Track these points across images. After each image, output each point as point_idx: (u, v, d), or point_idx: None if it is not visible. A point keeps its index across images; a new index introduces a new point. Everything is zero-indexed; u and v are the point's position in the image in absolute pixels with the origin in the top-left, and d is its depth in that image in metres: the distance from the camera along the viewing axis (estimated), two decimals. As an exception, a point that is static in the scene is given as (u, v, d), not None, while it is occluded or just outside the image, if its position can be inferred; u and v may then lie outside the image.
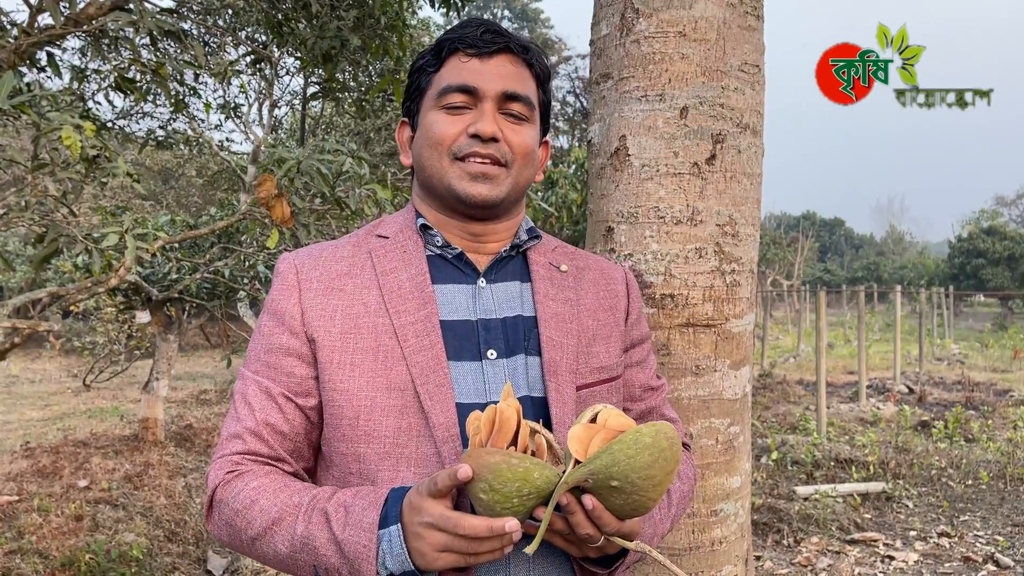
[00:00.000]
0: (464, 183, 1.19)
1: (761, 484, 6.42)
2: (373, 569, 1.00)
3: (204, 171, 14.21)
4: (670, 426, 0.96)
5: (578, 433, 0.97)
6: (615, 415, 1.00)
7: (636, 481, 0.94)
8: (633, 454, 0.93)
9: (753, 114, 1.69)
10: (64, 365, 14.17)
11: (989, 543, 5.35)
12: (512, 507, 0.95)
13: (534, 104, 1.26)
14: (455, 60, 1.23)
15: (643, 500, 0.97)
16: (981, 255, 36.26)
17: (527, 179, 1.26)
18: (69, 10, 3.38)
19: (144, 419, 7.27)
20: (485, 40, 1.21)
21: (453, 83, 1.20)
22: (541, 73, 1.29)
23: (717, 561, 1.70)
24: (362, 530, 1.01)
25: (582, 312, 1.28)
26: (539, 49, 1.30)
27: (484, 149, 1.19)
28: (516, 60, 1.24)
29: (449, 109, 1.21)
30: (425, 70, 1.27)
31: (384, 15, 4.44)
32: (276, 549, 1.08)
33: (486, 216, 1.24)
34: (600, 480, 0.95)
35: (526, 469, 0.94)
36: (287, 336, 1.19)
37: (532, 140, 1.25)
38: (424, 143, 1.23)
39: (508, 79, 1.22)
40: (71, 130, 2.73)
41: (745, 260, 1.70)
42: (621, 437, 0.94)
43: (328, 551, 1.04)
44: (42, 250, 3.28)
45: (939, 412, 9.95)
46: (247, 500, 1.10)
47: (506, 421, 0.99)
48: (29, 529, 4.75)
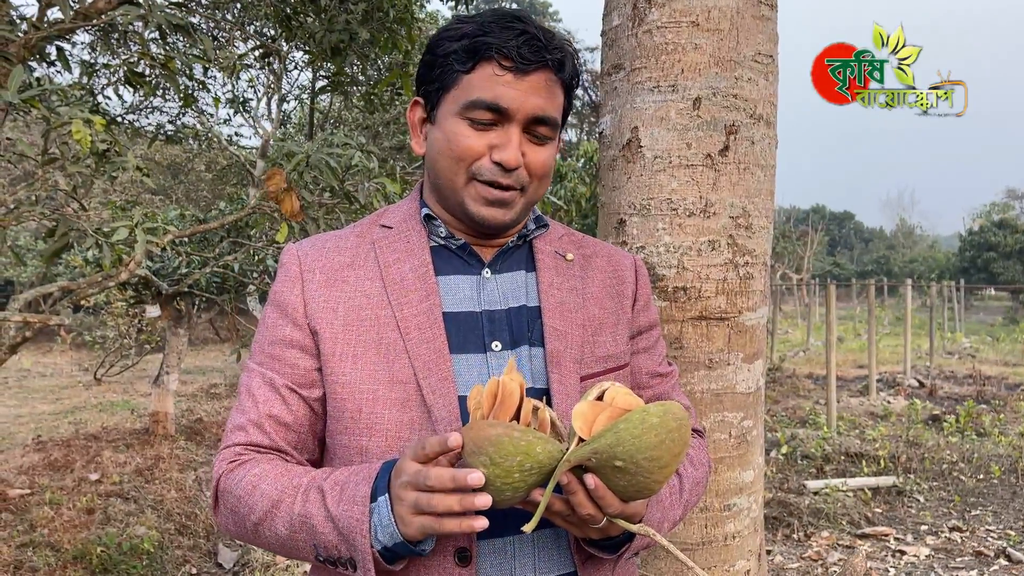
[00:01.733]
0: (478, 206, 1.17)
1: (771, 478, 6.41)
2: (367, 543, 0.98)
3: (213, 165, 14.24)
4: (679, 406, 0.93)
5: (583, 410, 0.94)
6: (623, 393, 0.97)
7: (641, 462, 0.91)
8: (639, 434, 0.90)
9: (767, 105, 1.68)
10: (75, 359, 14.24)
11: (1001, 537, 5.32)
12: (512, 482, 0.92)
13: (559, 123, 1.21)
14: (489, 69, 1.15)
15: (648, 482, 0.93)
16: (992, 248, 36.06)
17: (540, 195, 1.24)
18: (78, 4, 3.38)
19: (154, 413, 7.30)
20: (524, 56, 1.14)
21: (485, 99, 1.14)
22: (571, 83, 1.23)
23: (730, 556, 1.69)
24: (355, 504, 1.00)
25: (588, 301, 1.26)
26: (574, 54, 1.23)
27: (505, 180, 1.15)
28: (551, 77, 1.18)
29: (474, 123, 1.15)
30: (453, 64, 1.17)
31: (393, 8, 4.43)
32: (277, 531, 1.08)
33: (494, 235, 1.24)
34: (604, 459, 0.92)
35: (528, 443, 0.91)
36: (290, 328, 1.18)
37: (551, 159, 1.22)
38: (443, 151, 1.18)
39: (539, 101, 1.16)
40: (81, 124, 2.73)
41: (758, 253, 1.69)
42: (628, 416, 0.91)
43: (325, 528, 1.03)
44: (53, 244, 3.28)
45: (950, 406, 9.90)
46: (249, 486, 1.10)
47: (509, 395, 0.96)
48: (41, 522, 4.78)
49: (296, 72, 9.61)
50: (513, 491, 0.93)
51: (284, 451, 1.17)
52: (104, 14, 3.47)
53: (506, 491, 0.93)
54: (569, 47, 1.23)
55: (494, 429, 0.91)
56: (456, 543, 1.09)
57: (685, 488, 1.23)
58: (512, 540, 1.12)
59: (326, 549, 1.04)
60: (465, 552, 1.09)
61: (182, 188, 16.77)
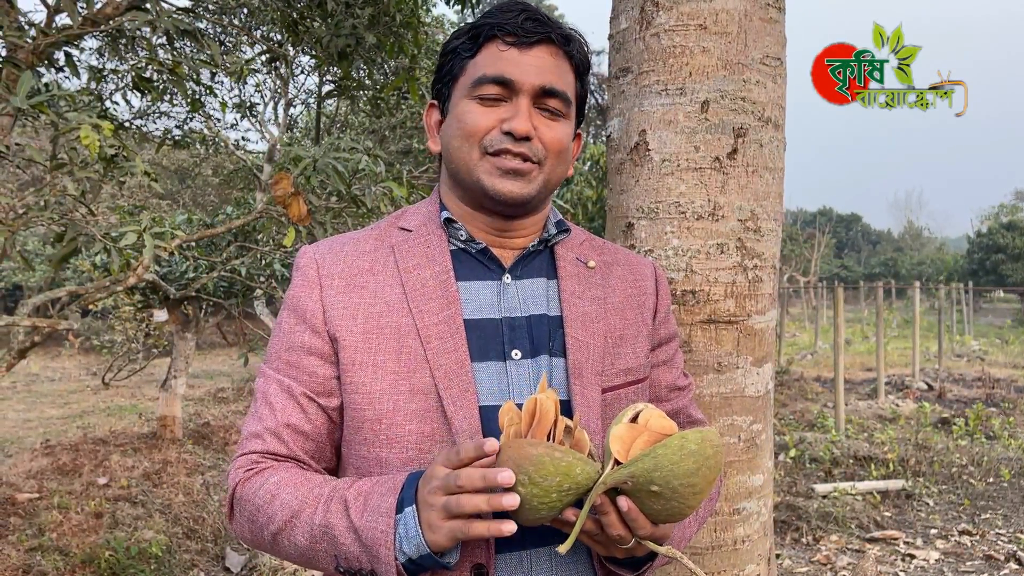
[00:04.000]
0: (494, 179, 1.15)
1: (779, 482, 6.38)
2: (391, 555, 0.96)
3: (220, 170, 14.27)
4: (715, 433, 0.93)
5: (620, 433, 0.94)
6: (657, 416, 0.97)
7: (678, 488, 0.92)
8: (677, 460, 0.90)
9: (775, 108, 1.67)
10: (83, 363, 14.29)
11: (1011, 541, 5.29)
12: (550, 502, 0.92)
13: (571, 99, 1.20)
14: (492, 48, 1.16)
15: (681, 507, 0.94)
16: (1001, 250, 35.90)
17: (559, 176, 1.21)
18: (86, 10, 3.39)
19: (162, 417, 7.32)
20: (526, 29, 1.14)
21: (489, 73, 1.14)
22: (581, 65, 1.22)
23: (740, 560, 1.69)
24: (380, 515, 0.99)
25: (609, 311, 1.24)
26: (581, 38, 1.23)
27: (516, 147, 1.13)
28: (556, 51, 1.17)
29: (483, 100, 1.15)
30: (459, 53, 1.19)
31: (399, 12, 4.44)
32: (296, 541, 1.06)
33: (514, 213, 1.20)
34: (640, 483, 0.92)
35: (569, 464, 0.91)
36: (309, 334, 1.16)
37: (566, 136, 1.19)
38: (455, 133, 1.18)
39: (546, 72, 1.15)
40: (90, 130, 2.74)
41: (767, 256, 1.68)
42: (666, 441, 0.91)
43: (347, 539, 1.01)
44: (61, 249, 3.29)
45: (959, 409, 9.85)
46: (268, 495, 1.08)
47: (546, 413, 0.95)
48: (50, 526, 4.79)
49: (303, 76, 9.63)
50: (548, 510, 0.93)
51: (302, 460, 1.15)
52: (112, 19, 3.48)
53: (542, 510, 0.93)
54: (577, 34, 1.22)
55: (535, 449, 0.91)
56: (473, 559, 1.07)
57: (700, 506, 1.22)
58: (529, 554, 1.11)
59: (347, 560, 1.02)
60: (482, 569, 1.07)
61: (189, 192, 16.83)
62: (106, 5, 3.44)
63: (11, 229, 3.10)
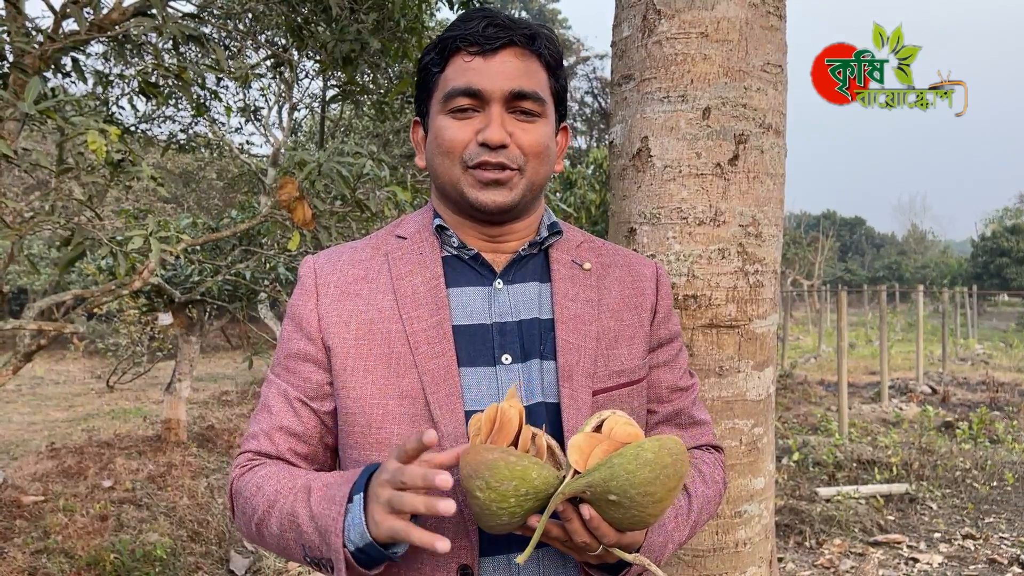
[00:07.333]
0: (476, 192, 1.16)
1: (782, 485, 6.38)
2: (339, 542, 0.98)
3: (224, 174, 14.31)
4: (676, 440, 0.93)
5: (579, 443, 0.95)
6: (622, 423, 0.97)
7: (635, 497, 0.91)
8: (633, 469, 0.90)
9: (776, 114, 1.69)
10: (88, 366, 14.32)
11: (1014, 545, 5.28)
12: (508, 507, 0.92)
13: (544, 98, 1.19)
14: (458, 60, 1.17)
15: (643, 515, 0.94)
16: (1005, 254, 35.87)
17: (543, 176, 1.21)
18: (93, 16, 3.42)
19: (167, 420, 7.34)
20: (488, 35, 1.14)
21: (458, 86, 1.15)
22: (552, 60, 1.21)
23: (741, 563, 1.70)
24: (333, 503, 1.01)
25: (603, 313, 1.23)
26: (548, 33, 1.22)
27: (494, 158, 1.14)
28: (523, 53, 1.17)
29: (456, 113, 1.16)
30: (430, 69, 1.21)
31: (403, 18, 4.45)
32: (272, 531, 1.09)
33: (502, 220, 1.21)
34: (598, 493, 0.92)
35: (524, 468, 0.91)
36: (304, 342, 1.20)
37: (545, 136, 1.19)
38: (435, 150, 1.19)
39: (514, 77, 1.15)
40: (96, 134, 2.76)
41: (768, 261, 1.70)
42: (622, 451, 0.91)
43: (308, 527, 1.03)
44: (68, 253, 3.32)
45: (963, 413, 9.84)
46: (254, 487, 1.13)
47: (507, 421, 0.96)
48: (55, 529, 4.81)
49: (307, 81, 9.66)
50: (510, 516, 0.93)
51: (289, 460, 1.19)
52: (119, 25, 3.51)
53: (502, 515, 0.93)
54: (543, 28, 1.22)
55: (490, 453, 0.92)
56: (459, 560, 1.09)
57: (694, 508, 1.21)
58: (515, 558, 1.11)
59: (311, 550, 1.04)
60: (467, 570, 1.09)
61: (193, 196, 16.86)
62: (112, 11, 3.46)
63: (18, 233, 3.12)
